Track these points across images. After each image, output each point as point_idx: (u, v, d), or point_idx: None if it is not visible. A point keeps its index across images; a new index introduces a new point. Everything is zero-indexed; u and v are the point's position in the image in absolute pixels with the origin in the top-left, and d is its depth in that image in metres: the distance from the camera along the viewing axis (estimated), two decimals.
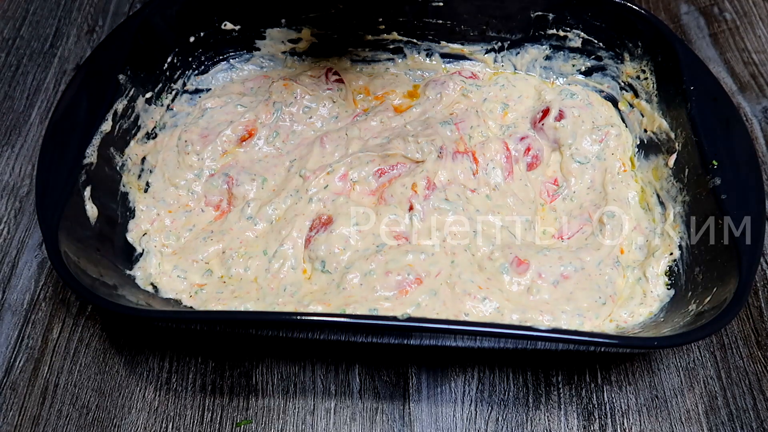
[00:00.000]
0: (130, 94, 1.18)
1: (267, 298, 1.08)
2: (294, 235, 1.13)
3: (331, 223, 1.14)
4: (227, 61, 1.35)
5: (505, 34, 1.33)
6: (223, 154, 1.25)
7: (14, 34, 1.55)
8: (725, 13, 1.57)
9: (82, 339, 1.14)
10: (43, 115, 1.41)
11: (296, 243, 1.13)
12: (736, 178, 1.03)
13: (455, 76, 1.34)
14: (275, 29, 1.33)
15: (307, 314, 0.91)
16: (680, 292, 1.06)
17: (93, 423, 1.06)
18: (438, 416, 1.07)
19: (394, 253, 1.10)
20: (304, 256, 1.13)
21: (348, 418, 1.06)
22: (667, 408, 1.07)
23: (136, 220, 1.17)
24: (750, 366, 1.11)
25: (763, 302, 1.17)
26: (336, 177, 1.19)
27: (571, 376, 1.10)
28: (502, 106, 1.31)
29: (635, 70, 1.24)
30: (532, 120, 1.29)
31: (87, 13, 1.59)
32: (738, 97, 1.43)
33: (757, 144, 1.36)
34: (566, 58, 1.32)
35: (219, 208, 1.21)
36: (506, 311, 1.05)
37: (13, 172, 1.33)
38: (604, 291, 1.09)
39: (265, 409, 1.07)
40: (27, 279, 1.19)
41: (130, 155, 1.19)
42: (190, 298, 1.10)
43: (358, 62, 1.38)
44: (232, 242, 1.15)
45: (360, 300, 1.05)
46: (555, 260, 1.10)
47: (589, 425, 1.06)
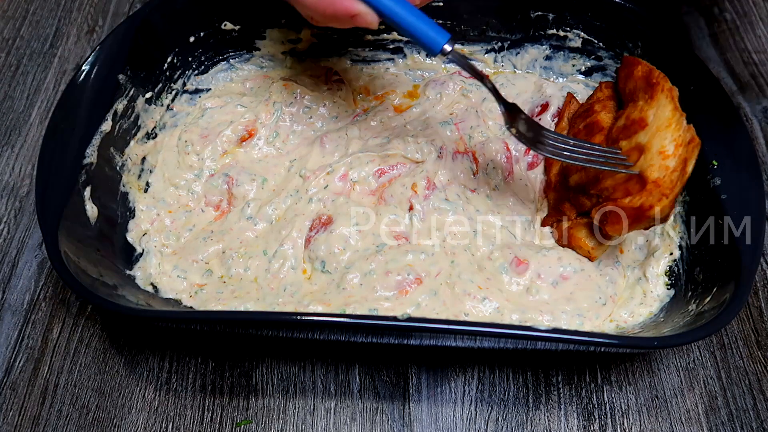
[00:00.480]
0: (130, 94, 1.18)
1: (267, 299, 1.08)
2: (294, 235, 1.13)
3: (331, 223, 1.14)
4: (227, 61, 1.35)
5: (505, 34, 1.33)
6: (223, 154, 1.25)
7: (14, 34, 1.55)
8: (725, 13, 1.57)
9: (82, 339, 1.14)
10: (43, 115, 1.41)
11: (296, 243, 1.13)
12: (736, 178, 1.03)
13: (455, 76, 1.34)
14: (275, 29, 1.32)
15: (307, 314, 0.91)
16: (680, 292, 1.06)
17: (93, 423, 1.06)
18: (438, 416, 1.07)
19: (394, 253, 1.10)
20: (304, 256, 1.13)
21: (348, 418, 1.07)
22: (667, 408, 1.07)
23: (136, 220, 1.17)
24: (750, 366, 1.11)
25: (763, 302, 1.17)
26: (336, 177, 1.19)
27: (571, 376, 1.10)
28: None
29: None
30: (530, 113, 1.29)
31: (87, 13, 1.59)
32: (738, 97, 1.43)
33: (757, 144, 1.36)
34: (566, 58, 1.32)
35: (219, 208, 1.21)
36: (506, 311, 1.06)
37: (13, 172, 1.33)
38: (605, 291, 1.09)
39: (265, 409, 1.07)
40: (27, 279, 1.20)
41: (130, 155, 1.19)
42: (190, 298, 1.10)
43: (358, 62, 1.38)
44: (232, 242, 1.15)
45: (360, 300, 1.05)
46: (554, 260, 1.10)
47: (589, 425, 1.06)
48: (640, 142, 0.96)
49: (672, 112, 0.95)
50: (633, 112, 1.01)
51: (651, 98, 0.98)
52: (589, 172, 1.04)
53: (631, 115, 1.00)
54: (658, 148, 0.94)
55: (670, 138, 0.94)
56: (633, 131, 0.98)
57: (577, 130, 1.15)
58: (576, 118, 1.20)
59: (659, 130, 0.95)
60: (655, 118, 0.96)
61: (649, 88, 1.00)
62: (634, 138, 0.97)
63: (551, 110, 1.27)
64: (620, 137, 1.00)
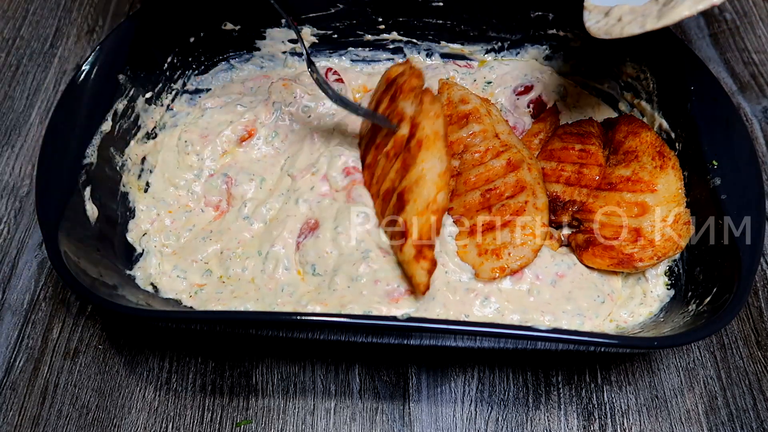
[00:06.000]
0: (130, 94, 1.18)
1: (266, 299, 1.08)
2: (285, 236, 1.12)
3: (318, 228, 1.13)
4: (227, 61, 1.35)
5: (505, 34, 1.33)
6: (222, 154, 1.25)
7: (14, 34, 1.55)
8: (725, 13, 1.57)
9: (82, 339, 1.14)
10: (43, 115, 1.41)
11: (287, 244, 1.12)
12: (736, 178, 1.02)
13: (449, 65, 1.34)
14: (275, 29, 1.32)
15: (308, 314, 0.91)
16: (680, 292, 1.07)
17: (93, 423, 1.06)
18: (438, 416, 1.07)
19: (382, 262, 1.08)
20: (295, 259, 1.12)
21: (348, 418, 1.06)
22: (667, 408, 1.07)
23: (136, 220, 1.17)
24: (750, 366, 1.11)
25: (763, 302, 1.17)
26: (319, 178, 1.18)
27: (571, 376, 1.10)
28: (487, 85, 1.32)
29: (635, 70, 1.24)
30: (514, 90, 1.30)
31: (87, 13, 1.59)
32: (738, 97, 1.43)
33: (757, 144, 1.36)
34: (566, 58, 1.32)
35: (218, 208, 1.21)
36: (506, 312, 1.05)
37: (13, 172, 1.33)
38: (602, 289, 1.09)
39: (265, 409, 1.07)
40: (27, 279, 1.20)
41: (130, 155, 1.19)
42: (190, 298, 1.10)
43: (358, 62, 1.38)
44: (229, 242, 1.15)
45: (353, 301, 1.05)
46: (548, 259, 1.10)
47: (589, 425, 1.06)
48: (647, 203, 1.08)
49: (678, 191, 1.08)
50: (641, 171, 1.12)
51: (661, 168, 1.10)
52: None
53: (639, 173, 1.11)
54: (661, 215, 1.07)
55: (675, 211, 1.07)
56: (640, 189, 1.10)
57: (571, 148, 1.19)
58: (564, 134, 1.22)
59: (666, 201, 1.08)
60: (664, 189, 1.09)
61: (659, 158, 1.11)
62: (641, 195, 1.09)
63: (531, 94, 1.28)
64: (624, 188, 1.11)
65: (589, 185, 1.15)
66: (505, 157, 1.14)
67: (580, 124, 1.23)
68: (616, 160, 1.16)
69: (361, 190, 1.15)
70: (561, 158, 1.18)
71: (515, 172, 1.12)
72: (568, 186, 1.15)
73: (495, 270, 1.06)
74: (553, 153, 1.19)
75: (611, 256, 1.07)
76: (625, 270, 1.08)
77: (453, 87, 1.26)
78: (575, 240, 1.12)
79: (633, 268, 1.06)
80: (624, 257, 1.06)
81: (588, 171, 1.15)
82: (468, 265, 1.09)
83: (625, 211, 1.09)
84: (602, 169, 1.16)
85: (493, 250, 1.07)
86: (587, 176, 1.15)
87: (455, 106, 1.22)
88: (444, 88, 1.26)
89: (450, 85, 1.27)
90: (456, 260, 1.09)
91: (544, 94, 1.29)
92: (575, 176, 1.15)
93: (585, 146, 1.18)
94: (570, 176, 1.15)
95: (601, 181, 1.15)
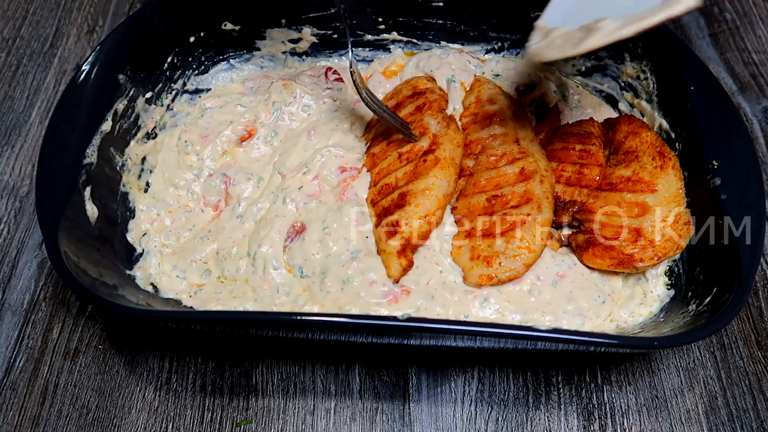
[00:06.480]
0: (130, 94, 1.18)
1: (264, 299, 1.08)
2: (273, 236, 1.12)
3: (304, 231, 1.13)
4: (227, 61, 1.35)
5: (505, 34, 1.33)
6: (222, 154, 1.25)
7: (14, 34, 1.55)
8: (725, 13, 1.57)
9: (82, 339, 1.14)
10: (43, 115, 1.41)
11: (275, 243, 1.11)
12: (736, 178, 1.02)
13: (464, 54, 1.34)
14: (275, 29, 1.32)
15: (308, 314, 0.91)
16: (680, 292, 1.07)
17: (93, 423, 1.06)
18: (438, 416, 1.07)
19: (370, 263, 1.08)
20: (284, 261, 1.12)
21: (348, 418, 1.06)
22: (667, 408, 1.07)
23: (136, 220, 1.17)
24: (750, 366, 1.11)
25: (763, 302, 1.17)
26: (310, 177, 1.18)
27: (571, 376, 1.10)
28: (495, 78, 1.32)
29: (635, 70, 1.24)
30: (516, 87, 1.29)
31: (87, 13, 1.59)
32: (738, 97, 1.43)
33: (757, 144, 1.36)
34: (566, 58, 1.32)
35: (217, 208, 1.21)
36: (507, 312, 1.05)
37: (13, 172, 1.33)
38: (602, 289, 1.09)
39: (265, 409, 1.07)
40: (27, 279, 1.20)
41: (130, 155, 1.19)
42: (189, 298, 1.10)
43: (358, 62, 1.38)
44: (225, 242, 1.15)
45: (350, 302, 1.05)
46: (548, 259, 1.10)
47: (589, 425, 1.06)
48: (647, 203, 1.08)
49: (678, 191, 1.08)
50: (641, 171, 1.12)
51: (661, 168, 1.11)
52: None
53: (639, 174, 1.12)
54: (662, 215, 1.07)
55: (675, 211, 1.07)
56: (640, 190, 1.10)
57: (571, 148, 1.18)
58: (565, 134, 1.21)
59: (667, 201, 1.08)
60: (665, 189, 1.09)
61: (659, 158, 1.12)
62: (641, 195, 1.09)
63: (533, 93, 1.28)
64: (624, 188, 1.11)
65: (590, 185, 1.15)
66: (519, 165, 1.13)
67: (580, 124, 1.23)
68: (616, 160, 1.16)
69: (356, 190, 1.16)
70: (561, 158, 1.18)
71: (526, 182, 1.11)
72: (568, 186, 1.15)
73: (483, 277, 1.06)
74: (553, 153, 1.19)
75: (611, 257, 1.07)
76: (626, 270, 1.07)
77: (485, 85, 1.26)
78: (576, 240, 1.12)
79: (633, 268, 1.06)
80: (624, 257, 1.06)
81: (588, 171, 1.15)
82: (459, 266, 1.09)
83: (626, 212, 1.09)
84: (602, 169, 1.16)
85: (486, 257, 1.06)
86: (588, 176, 1.15)
87: (482, 105, 1.23)
88: (476, 85, 1.27)
89: (483, 82, 1.27)
90: (449, 260, 1.09)
91: (546, 93, 1.29)
92: (576, 176, 1.15)
93: (585, 146, 1.18)
94: (570, 176, 1.15)
95: (601, 182, 1.15)
